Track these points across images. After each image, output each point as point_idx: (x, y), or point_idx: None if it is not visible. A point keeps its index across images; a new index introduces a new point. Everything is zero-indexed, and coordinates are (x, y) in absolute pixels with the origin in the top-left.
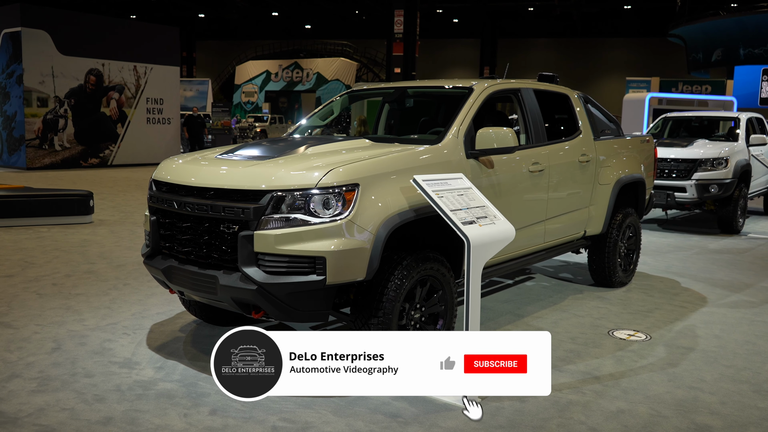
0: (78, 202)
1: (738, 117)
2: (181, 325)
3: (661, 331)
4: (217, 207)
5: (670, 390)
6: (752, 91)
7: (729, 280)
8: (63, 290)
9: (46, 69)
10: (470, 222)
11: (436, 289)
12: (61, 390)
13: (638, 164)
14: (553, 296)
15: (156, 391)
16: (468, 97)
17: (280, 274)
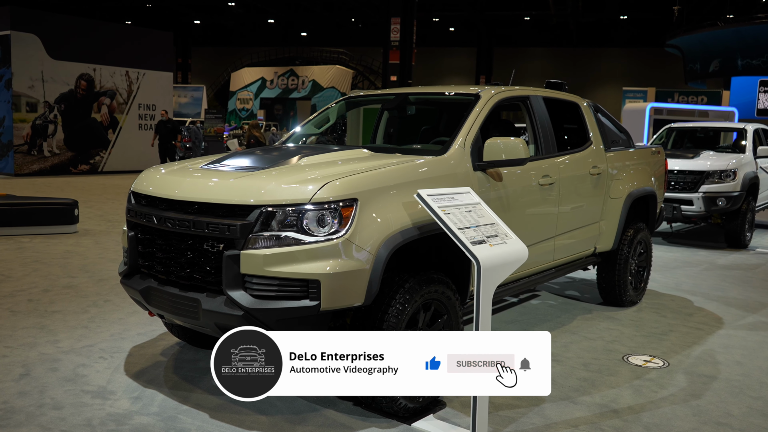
0: (62, 211)
1: (745, 128)
2: (163, 348)
3: (678, 356)
4: (201, 223)
5: (697, 426)
6: (749, 101)
7: (743, 299)
8: (39, 307)
9: (35, 73)
10: (480, 242)
11: (441, 314)
12: (25, 425)
13: (649, 176)
14: (561, 316)
15: (131, 427)
16: (475, 104)
17: (270, 298)
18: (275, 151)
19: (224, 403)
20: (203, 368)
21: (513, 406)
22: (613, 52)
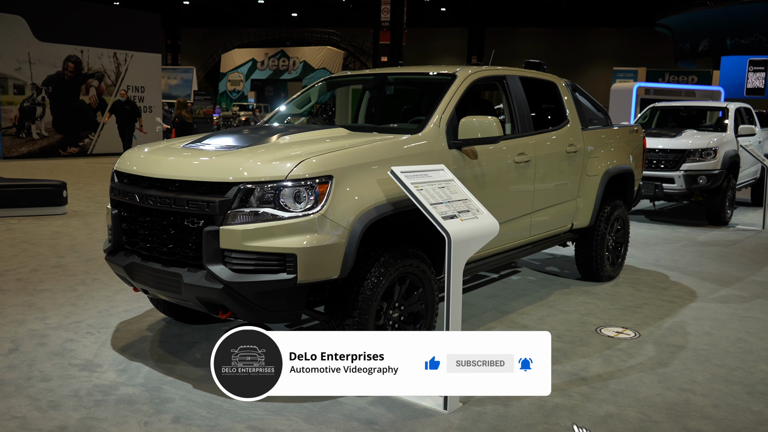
0: (50, 193)
1: (727, 107)
2: (150, 324)
3: (650, 328)
4: (181, 200)
5: (661, 392)
6: (738, 81)
7: (718, 273)
8: (28, 286)
9: (22, 55)
10: (451, 216)
11: (416, 287)
12: (14, 396)
13: (627, 155)
14: (540, 291)
15: (116, 397)
16: (451, 84)
17: (248, 272)
18: (256, 131)
19: (207, 375)
20: (188, 342)
21: None
22: (604, 31)
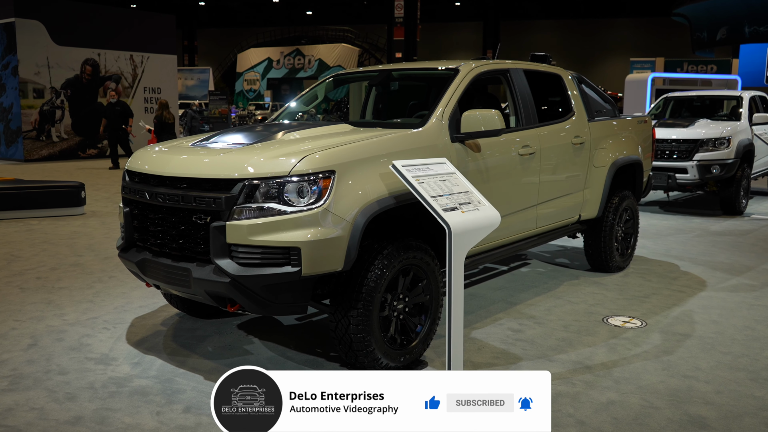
0: (69, 194)
1: (741, 96)
2: (163, 318)
3: (657, 317)
4: (189, 197)
5: (664, 379)
6: (758, 69)
7: (730, 263)
8: (47, 284)
9: (41, 60)
10: (452, 208)
11: (421, 279)
12: (33, 388)
13: (635, 145)
14: (548, 282)
15: (130, 388)
16: (453, 78)
17: (254, 266)
18: (261, 128)
19: (218, 367)
20: (200, 336)
21: (490, 365)
22: (620, 22)
